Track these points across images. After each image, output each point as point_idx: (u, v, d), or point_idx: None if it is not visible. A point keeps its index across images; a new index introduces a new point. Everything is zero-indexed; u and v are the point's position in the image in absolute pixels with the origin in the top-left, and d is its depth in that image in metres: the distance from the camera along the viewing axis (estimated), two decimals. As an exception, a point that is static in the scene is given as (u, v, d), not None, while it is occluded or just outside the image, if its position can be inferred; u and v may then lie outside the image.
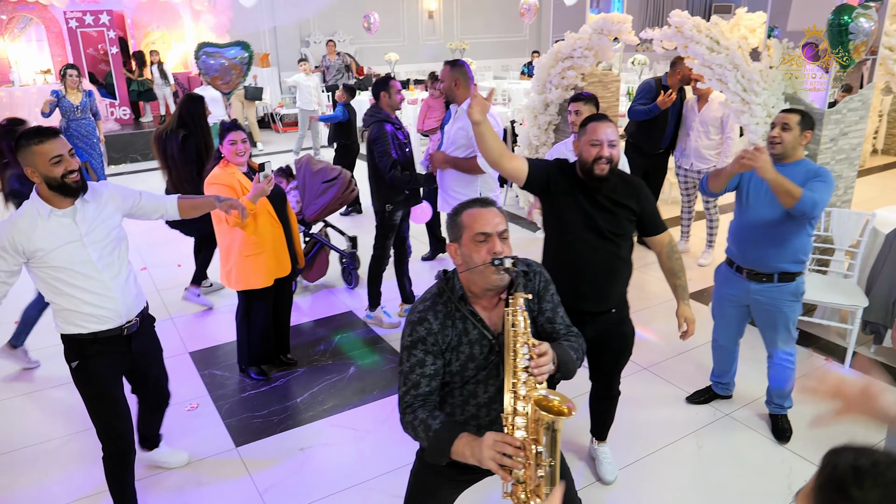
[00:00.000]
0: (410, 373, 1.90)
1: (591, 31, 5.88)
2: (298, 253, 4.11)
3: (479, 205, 1.92)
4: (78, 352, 2.63)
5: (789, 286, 3.23)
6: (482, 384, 1.94)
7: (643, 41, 5.76)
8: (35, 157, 2.39)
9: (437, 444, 1.79)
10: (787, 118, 3.13)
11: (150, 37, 11.73)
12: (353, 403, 3.90)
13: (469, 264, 1.86)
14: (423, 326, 1.89)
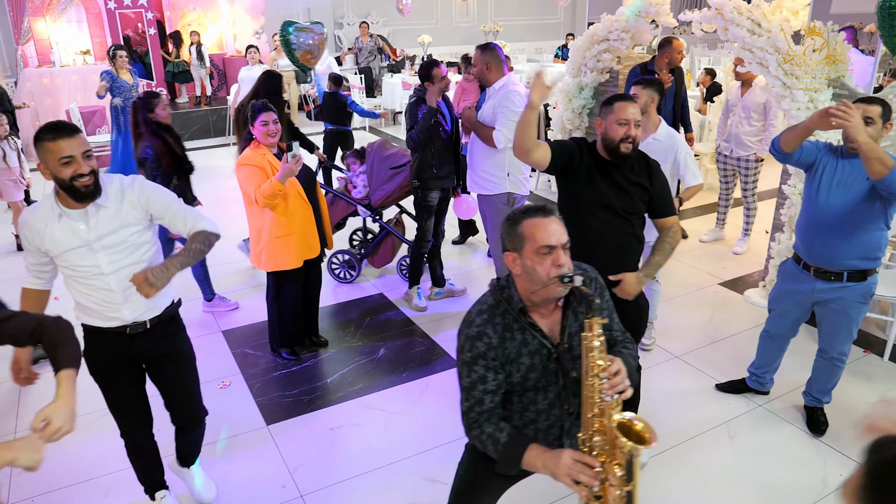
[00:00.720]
0: (472, 389, 1.87)
1: (629, 13, 5.76)
2: (328, 234, 4.14)
3: (540, 214, 1.82)
4: (85, 339, 2.54)
5: (859, 287, 3.07)
6: (542, 391, 1.92)
7: (681, 24, 5.62)
8: (46, 154, 2.22)
9: (506, 457, 1.84)
10: (869, 111, 2.89)
11: (186, 18, 11.84)
12: (383, 385, 3.93)
13: (531, 277, 1.81)
14: (483, 342, 1.84)
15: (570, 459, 1.71)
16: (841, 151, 3.04)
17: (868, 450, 1.03)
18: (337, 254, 5.31)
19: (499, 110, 3.95)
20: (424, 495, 3.05)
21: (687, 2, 15.70)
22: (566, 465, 1.71)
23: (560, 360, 1.88)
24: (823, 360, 3.35)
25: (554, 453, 1.77)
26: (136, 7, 10.95)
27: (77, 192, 2.27)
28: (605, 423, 1.72)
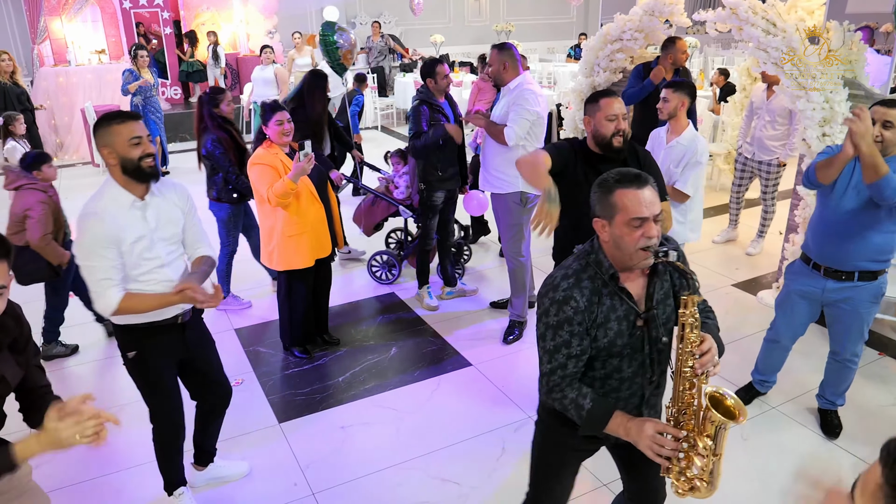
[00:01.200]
0: (556, 352, 1.86)
1: (642, 13, 5.74)
2: (338, 233, 4.15)
3: (634, 184, 1.78)
4: (135, 342, 2.59)
5: (870, 286, 3.06)
6: (627, 359, 1.90)
7: (695, 23, 5.59)
8: (114, 137, 2.34)
9: (590, 423, 1.86)
10: (889, 115, 2.85)
11: (200, 17, 11.90)
12: (394, 384, 3.94)
13: (619, 245, 1.79)
14: (570, 306, 1.82)
15: (653, 430, 1.76)
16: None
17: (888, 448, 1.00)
18: (377, 255, 5.30)
19: (512, 108, 3.95)
20: (435, 494, 3.06)
21: (701, 1, 15.62)
22: (649, 436, 1.76)
23: (647, 327, 1.87)
24: (836, 362, 3.32)
25: (638, 422, 1.80)
26: (151, 7, 11.03)
27: (143, 173, 2.40)
28: (697, 396, 1.76)
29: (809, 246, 3.20)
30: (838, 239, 3.01)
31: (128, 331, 2.57)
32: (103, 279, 2.36)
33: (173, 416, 2.80)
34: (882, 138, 2.87)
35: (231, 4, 11.89)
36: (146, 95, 8.37)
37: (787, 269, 3.39)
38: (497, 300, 4.91)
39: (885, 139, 2.88)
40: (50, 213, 3.93)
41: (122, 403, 3.79)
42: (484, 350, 4.29)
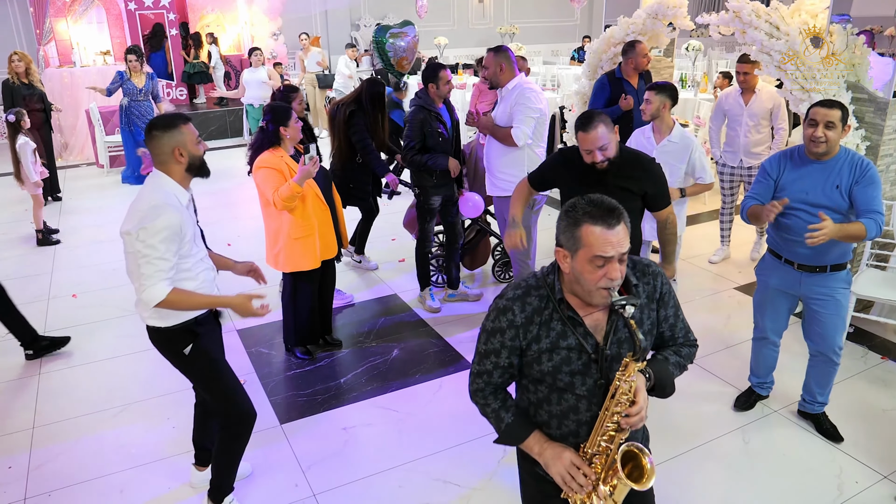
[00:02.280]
0: (485, 357, 1.84)
1: (646, 16, 5.75)
2: (343, 234, 4.17)
3: (604, 221, 1.64)
4: (188, 336, 2.65)
5: (840, 273, 3.15)
6: (569, 391, 1.81)
7: (699, 26, 5.60)
8: (185, 136, 2.50)
9: (507, 437, 1.89)
10: (830, 115, 2.93)
11: (205, 19, 11.94)
12: (396, 385, 3.95)
13: (578, 280, 1.70)
14: (506, 317, 1.77)
15: (570, 462, 1.78)
16: (800, 156, 3.10)
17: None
18: (433, 259, 5.24)
19: (515, 109, 3.96)
20: (437, 496, 3.07)
21: (705, 4, 15.62)
22: (565, 466, 1.79)
23: (600, 364, 1.76)
24: (822, 358, 3.33)
25: (556, 449, 1.82)
26: (157, 8, 11.07)
27: (204, 169, 2.61)
28: (612, 449, 1.76)
29: (778, 244, 3.23)
30: (809, 249, 3.03)
31: (178, 330, 2.63)
32: (159, 270, 2.43)
33: (243, 393, 2.85)
34: (826, 138, 2.95)
35: (236, 6, 11.93)
36: (133, 98, 8.22)
37: (759, 266, 3.42)
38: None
39: (828, 139, 2.95)
40: None
41: (126, 403, 3.81)
42: (486, 352, 4.29)
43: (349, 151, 4.98)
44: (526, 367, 1.83)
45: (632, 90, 5.17)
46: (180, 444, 3.42)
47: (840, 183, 2.99)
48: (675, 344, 1.94)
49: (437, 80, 4.31)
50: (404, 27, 7.29)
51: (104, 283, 5.43)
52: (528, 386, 1.89)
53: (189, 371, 2.75)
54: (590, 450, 1.79)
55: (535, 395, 1.87)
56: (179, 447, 3.40)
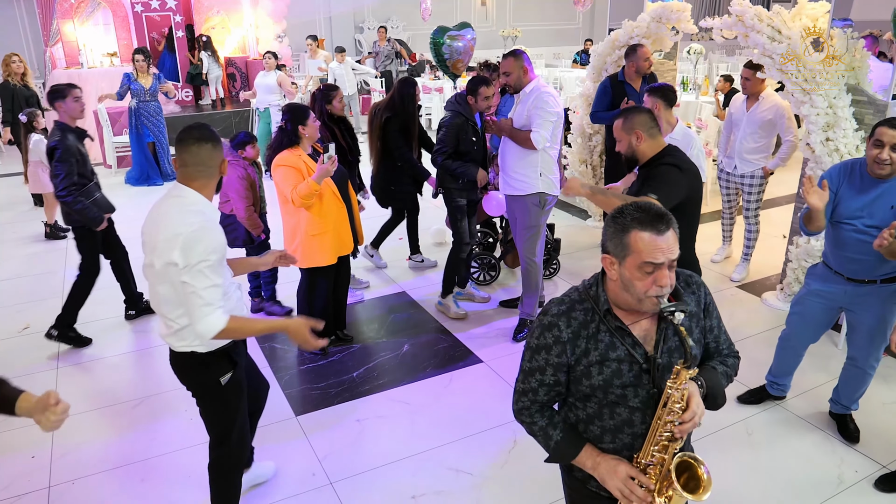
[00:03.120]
0: (531, 375, 1.81)
1: (650, 19, 5.86)
2: (359, 231, 4.27)
3: (654, 227, 1.62)
4: (229, 362, 2.55)
5: (892, 286, 3.11)
6: (623, 404, 1.77)
7: (702, 30, 5.70)
8: (222, 153, 2.43)
9: (557, 455, 1.85)
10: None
11: (210, 21, 12.04)
12: (408, 379, 4.04)
13: (627, 288, 1.67)
14: (552, 334, 1.74)
15: (626, 474, 1.74)
16: (861, 173, 3.03)
17: None
18: (475, 258, 5.35)
19: (533, 112, 4.04)
20: (449, 483, 3.16)
21: (707, 8, 15.74)
22: (621, 479, 1.74)
23: (652, 374, 1.72)
24: (854, 367, 3.35)
25: (611, 462, 1.77)
26: (163, 10, 11.18)
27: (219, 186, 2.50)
28: (667, 460, 1.73)
29: (830, 259, 3.22)
30: (860, 263, 3.06)
31: (221, 353, 2.52)
32: (213, 299, 2.29)
33: (247, 436, 2.79)
34: (891, 161, 2.87)
35: (241, 8, 12.03)
36: (140, 99, 8.43)
37: (809, 270, 3.43)
38: (507, 299, 5.02)
39: (893, 161, 2.88)
40: (249, 187, 4.42)
41: (145, 396, 3.90)
42: (494, 348, 4.39)
43: (388, 154, 5.05)
44: (574, 383, 1.79)
45: (634, 93, 5.27)
46: (198, 435, 3.51)
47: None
48: (721, 355, 1.92)
49: (477, 96, 4.33)
50: (462, 29, 7.33)
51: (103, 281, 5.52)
52: (575, 404, 1.84)
53: (212, 401, 2.61)
54: (643, 460, 1.75)
55: (584, 412, 1.82)
56: (197, 438, 3.49)
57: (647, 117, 2.98)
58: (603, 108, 5.45)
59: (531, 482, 3.13)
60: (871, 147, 2.93)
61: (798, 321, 3.45)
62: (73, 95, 4.23)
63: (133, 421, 3.69)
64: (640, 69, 5.24)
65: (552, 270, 5.47)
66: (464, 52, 6.51)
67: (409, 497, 3.09)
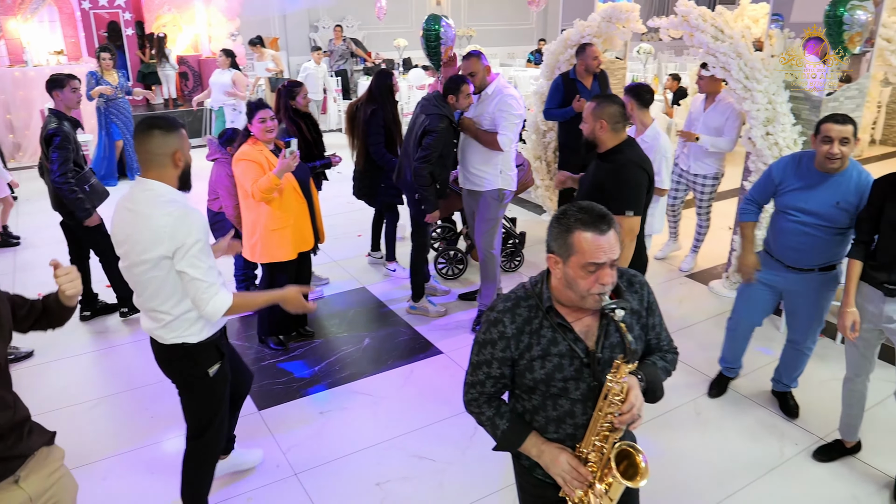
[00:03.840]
0: (478, 368, 1.89)
1: (600, 19, 6.03)
2: (320, 228, 4.31)
3: (596, 227, 1.68)
4: (217, 354, 2.60)
5: (829, 275, 3.27)
6: (565, 397, 1.84)
7: (650, 30, 5.90)
8: (184, 142, 2.40)
9: (504, 443, 1.93)
10: (845, 132, 2.94)
11: (161, 19, 11.84)
12: (369, 372, 4.10)
13: (570, 286, 1.74)
14: (497, 329, 1.82)
15: (567, 465, 1.83)
16: (808, 166, 3.16)
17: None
18: (442, 254, 5.41)
19: (498, 115, 4.14)
20: (413, 470, 3.24)
21: (655, 9, 16.14)
22: (562, 469, 1.83)
23: (592, 368, 1.79)
24: (794, 349, 3.54)
25: (553, 451, 1.86)
26: (112, 7, 10.95)
27: (188, 182, 2.49)
28: (607, 448, 1.80)
29: (771, 246, 3.38)
30: (801, 252, 3.22)
31: (209, 345, 2.56)
32: (213, 282, 2.35)
33: (224, 427, 2.82)
34: (841, 155, 2.97)
35: (193, 6, 11.86)
36: (108, 98, 8.35)
37: None
38: (465, 292, 5.12)
39: (843, 155, 2.98)
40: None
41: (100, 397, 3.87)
42: (454, 339, 4.49)
43: (372, 152, 5.00)
44: (518, 376, 1.86)
45: (585, 91, 5.42)
46: (160, 433, 3.51)
47: (841, 200, 3.04)
48: (661, 350, 1.99)
49: (459, 93, 4.17)
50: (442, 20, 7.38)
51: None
52: (521, 395, 1.92)
53: (198, 393, 2.63)
54: (585, 450, 1.83)
55: (529, 404, 1.90)
56: (160, 436, 3.49)
57: (617, 111, 3.11)
58: (555, 105, 5.59)
59: (492, 466, 3.23)
60: (820, 143, 3.02)
61: (743, 308, 3.60)
62: (72, 86, 4.40)
63: (91, 422, 3.66)
64: (590, 67, 5.39)
65: (517, 263, 5.62)
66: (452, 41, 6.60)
67: (374, 484, 3.16)
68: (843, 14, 4.11)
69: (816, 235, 3.15)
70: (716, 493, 3.08)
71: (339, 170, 8.00)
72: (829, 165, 3.04)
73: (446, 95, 4.19)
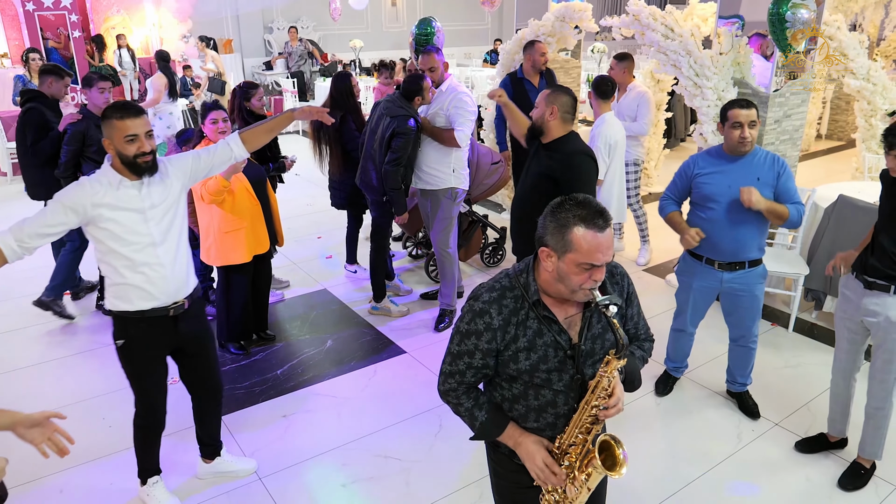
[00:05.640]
0: (459, 358, 1.86)
1: (554, 19, 6.11)
2: (279, 231, 4.26)
3: (595, 225, 1.66)
4: (124, 331, 2.68)
5: (758, 269, 3.38)
6: (548, 387, 1.85)
7: (603, 29, 6.00)
8: (113, 131, 2.46)
9: (482, 434, 1.93)
10: (752, 115, 3.12)
11: (110, 21, 11.57)
12: (332, 373, 4.08)
13: (562, 280, 1.72)
14: (483, 320, 1.79)
15: (542, 462, 1.84)
16: (718, 153, 3.30)
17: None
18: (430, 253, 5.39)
19: (453, 113, 4.20)
20: (379, 470, 3.24)
21: (608, 8, 16.40)
22: (538, 465, 1.85)
23: (575, 360, 1.81)
24: (739, 347, 3.60)
25: (531, 446, 1.87)
26: (57, 9, 10.65)
27: (138, 168, 2.51)
28: (588, 440, 1.82)
29: (702, 247, 3.40)
30: (730, 242, 3.30)
31: (120, 319, 2.67)
32: (23, 229, 2.42)
33: (156, 405, 2.89)
34: (751, 138, 3.15)
35: (143, 7, 11.62)
36: None
37: (679, 268, 3.62)
38: (427, 291, 5.13)
39: (753, 138, 3.15)
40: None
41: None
42: (417, 338, 4.49)
43: (349, 156, 4.89)
44: (501, 366, 1.84)
45: (533, 89, 5.47)
46: (119, 442, 3.43)
47: (761, 176, 3.17)
48: (639, 340, 2.01)
49: (423, 92, 4.19)
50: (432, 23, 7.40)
51: (20, 291, 5.27)
52: (501, 384, 1.90)
53: (120, 359, 2.78)
54: (567, 441, 1.84)
55: (510, 392, 1.89)
56: (118, 445, 3.42)
57: (570, 102, 3.18)
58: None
59: (458, 462, 3.25)
60: (730, 129, 3.17)
61: (688, 313, 3.64)
62: (99, 86, 4.60)
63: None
64: (536, 63, 5.41)
65: (499, 258, 5.69)
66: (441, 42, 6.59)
67: (340, 485, 3.15)
68: (785, 12, 4.25)
69: (744, 221, 3.22)
70: (675, 481, 3.16)
71: (297, 171, 7.99)
72: (741, 148, 3.18)
73: (411, 97, 4.18)
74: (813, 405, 3.69)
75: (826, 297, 4.48)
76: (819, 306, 4.55)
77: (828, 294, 4.44)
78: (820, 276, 4.36)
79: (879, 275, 2.84)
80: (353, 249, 5.51)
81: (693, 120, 9.42)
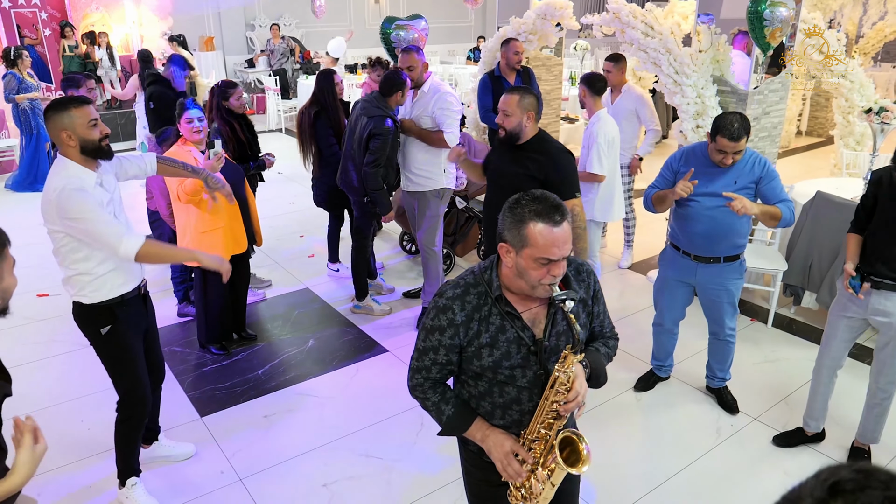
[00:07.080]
0: (424, 354, 1.88)
1: (535, 16, 6.12)
2: (257, 231, 4.23)
3: (550, 219, 1.68)
4: (109, 316, 2.72)
5: (734, 264, 3.39)
6: (512, 384, 1.86)
7: (584, 27, 6.01)
8: (74, 121, 2.48)
9: (449, 429, 1.94)
10: (739, 146, 3.11)
11: (89, 18, 11.41)
12: (314, 373, 4.06)
13: (521, 275, 1.74)
14: (446, 316, 1.80)
15: (509, 450, 1.85)
16: (702, 153, 3.30)
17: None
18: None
19: (438, 114, 4.18)
20: (360, 469, 3.23)
21: (589, 6, 16.45)
22: (503, 454, 1.85)
23: (539, 356, 1.82)
24: (717, 341, 3.63)
25: (497, 438, 1.87)
26: (30, 7, 10.50)
27: (104, 152, 2.58)
28: (551, 435, 1.82)
29: (678, 238, 3.47)
30: (707, 238, 3.32)
31: (101, 308, 2.70)
32: (115, 230, 2.52)
33: (141, 392, 2.90)
34: (734, 160, 3.16)
35: (122, 4, 11.47)
36: (32, 98, 8.05)
37: (661, 257, 3.67)
38: (409, 290, 5.12)
39: (736, 160, 3.17)
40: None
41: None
42: (399, 337, 4.49)
43: (323, 154, 4.89)
44: (465, 362, 1.86)
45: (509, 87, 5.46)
46: (97, 445, 3.40)
47: (738, 179, 3.19)
48: (604, 337, 2.03)
49: (404, 88, 4.16)
50: (413, 20, 7.29)
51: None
52: (467, 381, 1.92)
53: (100, 351, 2.80)
54: (530, 436, 1.85)
55: (476, 390, 1.91)
56: (96, 448, 3.38)
57: (536, 101, 3.22)
58: (489, 102, 5.59)
59: (439, 462, 3.25)
60: (715, 153, 3.17)
61: (664, 306, 3.68)
62: (87, 86, 4.69)
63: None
64: (510, 61, 5.40)
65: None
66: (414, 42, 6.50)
67: (321, 485, 3.14)
68: (763, 10, 4.28)
69: (719, 219, 3.24)
70: (655, 476, 3.18)
71: (279, 170, 7.95)
72: (720, 166, 3.23)
73: (391, 93, 4.15)
74: (791, 399, 3.73)
75: (804, 292, 4.53)
76: (798, 302, 4.60)
77: (806, 289, 4.49)
78: (798, 271, 4.41)
79: (887, 276, 2.91)
80: (336, 248, 5.48)
81: (674, 117, 9.48)
